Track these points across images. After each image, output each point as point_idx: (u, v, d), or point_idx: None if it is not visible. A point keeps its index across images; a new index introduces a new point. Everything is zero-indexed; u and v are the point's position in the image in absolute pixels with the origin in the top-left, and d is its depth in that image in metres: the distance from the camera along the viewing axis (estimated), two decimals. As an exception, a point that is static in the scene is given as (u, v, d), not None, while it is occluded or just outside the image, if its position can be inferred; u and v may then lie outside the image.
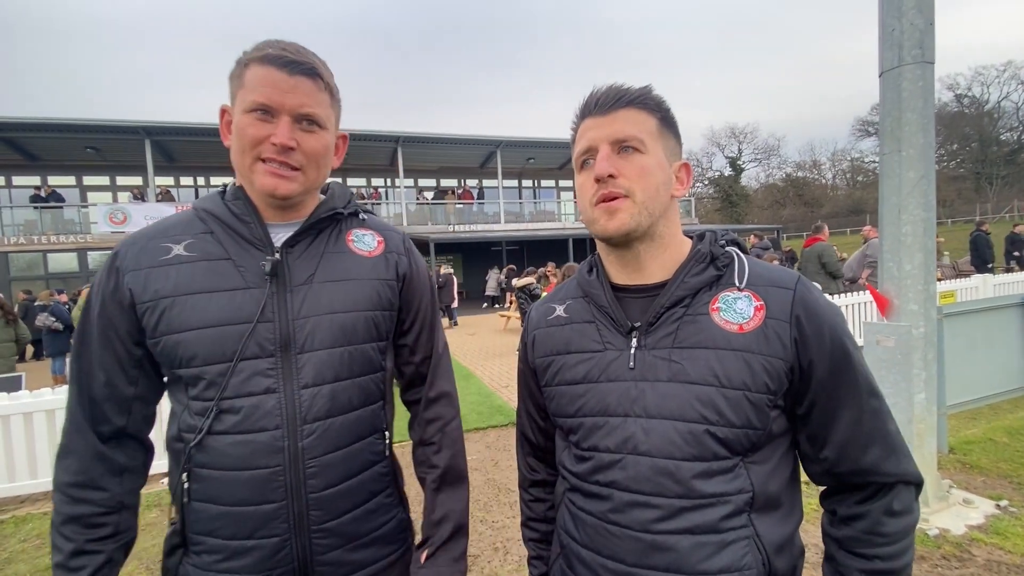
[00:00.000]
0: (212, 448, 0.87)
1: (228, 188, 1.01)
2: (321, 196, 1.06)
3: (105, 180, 21.29)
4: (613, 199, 0.81)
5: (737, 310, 0.80)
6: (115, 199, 20.20)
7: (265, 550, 0.88)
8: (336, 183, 1.10)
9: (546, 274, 11.81)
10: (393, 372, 1.10)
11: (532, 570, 1.06)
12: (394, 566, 1.03)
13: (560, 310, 0.95)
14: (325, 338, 0.93)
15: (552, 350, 0.93)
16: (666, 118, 0.86)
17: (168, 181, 21.16)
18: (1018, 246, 12.37)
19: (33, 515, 3.71)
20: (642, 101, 0.84)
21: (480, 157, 24.10)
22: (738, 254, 0.86)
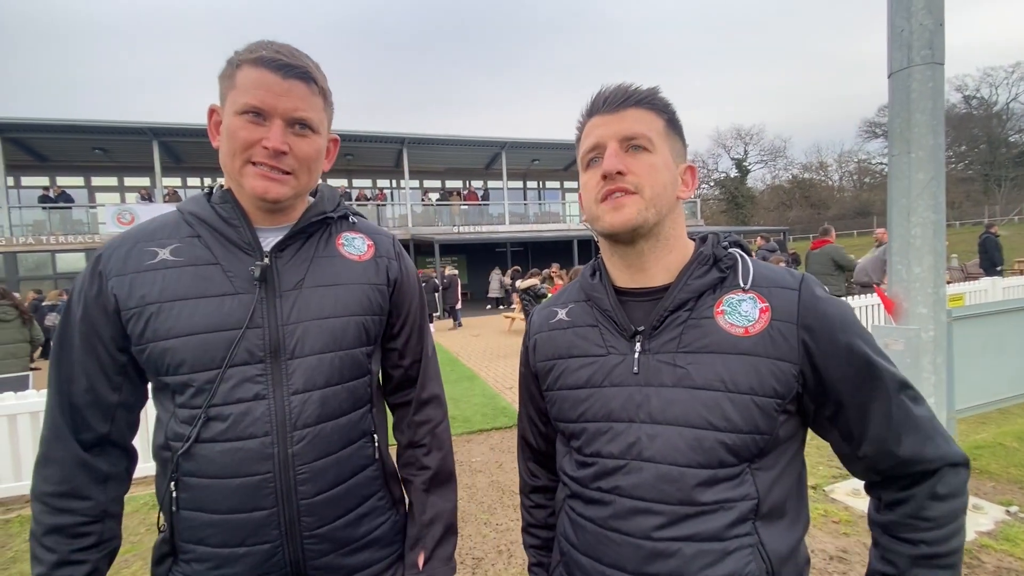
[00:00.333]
0: (200, 456, 0.86)
1: (215, 190, 0.99)
2: (310, 199, 1.04)
3: (113, 181, 21.46)
4: (621, 194, 0.80)
5: (742, 312, 0.79)
6: (123, 200, 20.37)
7: (257, 557, 0.87)
8: (325, 186, 1.08)
9: (551, 275, 11.81)
10: (379, 374, 1.09)
11: None
12: (389, 568, 1.02)
13: (562, 314, 0.94)
14: (315, 343, 0.92)
15: (554, 354, 0.92)
16: (673, 120, 0.86)
17: (175, 182, 21.29)
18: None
19: (39, 514, 3.72)
20: (650, 101, 0.83)
21: (485, 158, 24.13)
22: (741, 255, 0.85)
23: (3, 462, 3.95)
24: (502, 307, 18.45)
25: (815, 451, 3.84)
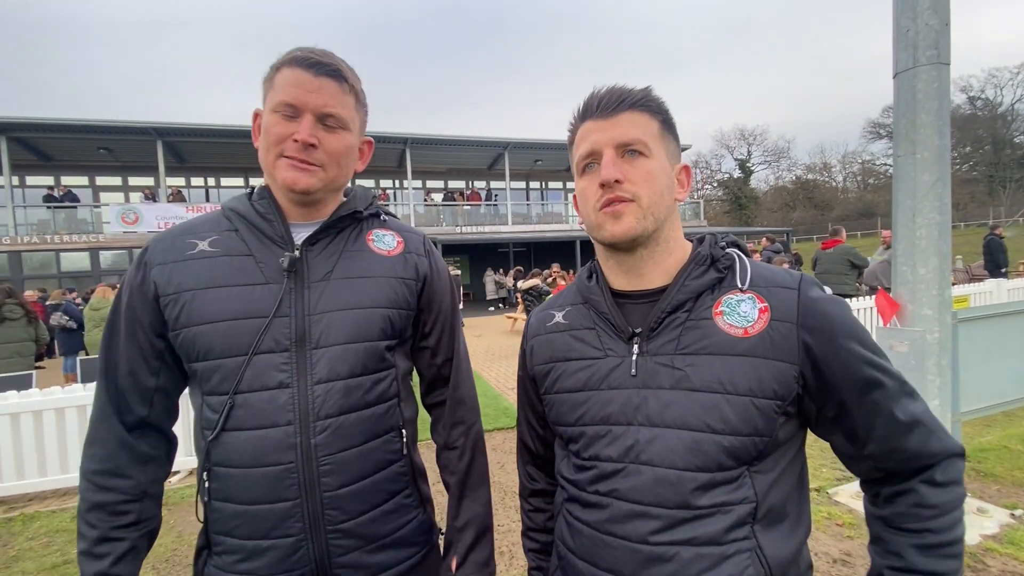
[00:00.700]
0: (227, 444, 0.89)
1: (255, 189, 1.03)
2: (344, 198, 1.08)
3: (117, 180, 21.57)
4: (619, 203, 0.79)
5: (741, 313, 0.78)
6: (127, 199, 20.46)
7: (281, 550, 0.88)
8: (360, 187, 1.12)
9: (553, 276, 11.79)
10: (410, 371, 1.10)
11: None
12: (415, 569, 1.02)
13: (559, 316, 0.94)
14: (340, 334, 0.93)
15: (551, 357, 0.91)
16: (667, 120, 0.85)
17: (179, 182, 21.31)
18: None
19: (41, 513, 3.74)
20: (644, 103, 0.82)
21: (488, 159, 24.15)
22: (739, 255, 0.84)
23: (6, 461, 3.96)
24: (503, 307, 18.44)
25: (818, 454, 3.82)
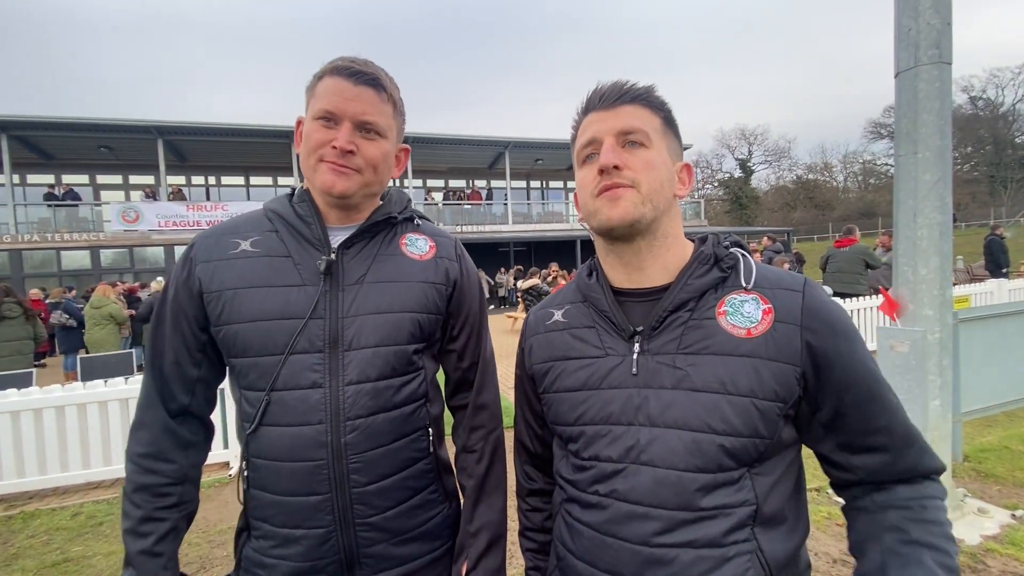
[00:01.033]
0: (264, 438, 0.92)
1: (296, 191, 1.06)
2: (380, 203, 1.10)
3: (118, 179, 21.57)
4: (617, 188, 0.79)
5: (744, 313, 0.77)
6: (128, 198, 20.47)
7: (312, 540, 0.92)
8: (396, 190, 1.14)
9: (553, 275, 11.78)
10: (437, 371, 1.11)
11: None
12: (440, 561, 1.05)
13: (558, 315, 0.93)
14: (371, 337, 0.95)
15: (550, 356, 0.91)
16: (668, 118, 0.85)
17: (180, 180, 21.33)
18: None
19: (41, 511, 3.74)
20: (646, 99, 0.83)
21: (489, 158, 24.13)
22: (743, 255, 0.84)
23: (6, 459, 3.96)
24: (492, 307, 18.44)
25: (818, 453, 3.81)
